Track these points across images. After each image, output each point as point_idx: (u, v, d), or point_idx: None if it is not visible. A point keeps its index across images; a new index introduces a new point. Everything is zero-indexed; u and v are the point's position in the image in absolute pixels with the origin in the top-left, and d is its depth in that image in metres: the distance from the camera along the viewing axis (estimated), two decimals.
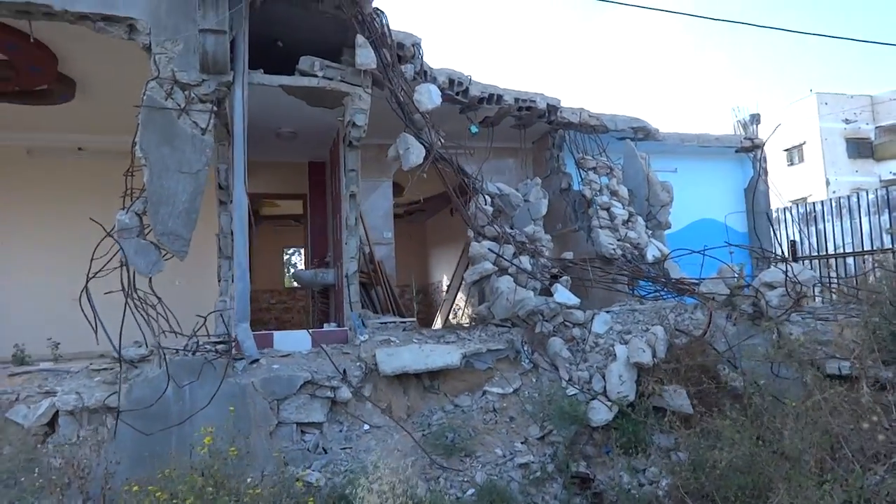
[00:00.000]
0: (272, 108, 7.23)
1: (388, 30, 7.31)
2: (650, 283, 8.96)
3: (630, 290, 8.98)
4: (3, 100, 7.86)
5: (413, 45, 7.88)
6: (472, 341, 6.98)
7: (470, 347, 6.76)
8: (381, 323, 7.84)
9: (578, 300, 7.18)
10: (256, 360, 5.95)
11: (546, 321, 7.23)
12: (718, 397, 6.46)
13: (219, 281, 7.53)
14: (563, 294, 7.07)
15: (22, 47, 6.92)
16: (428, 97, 6.96)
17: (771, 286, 6.95)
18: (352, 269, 7.37)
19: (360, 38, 6.57)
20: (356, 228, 7.42)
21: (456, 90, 9.22)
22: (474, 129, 9.61)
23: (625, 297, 8.88)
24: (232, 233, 7.31)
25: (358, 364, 6.58)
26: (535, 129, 11.15)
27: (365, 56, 6.54)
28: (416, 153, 6.82)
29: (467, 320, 10.71)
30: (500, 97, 9.79)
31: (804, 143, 33.39)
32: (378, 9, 7.17)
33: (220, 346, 5.94)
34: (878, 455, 4.65)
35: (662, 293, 8.68)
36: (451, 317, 12.94)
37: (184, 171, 5.94)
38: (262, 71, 6.54)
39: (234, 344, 6.11)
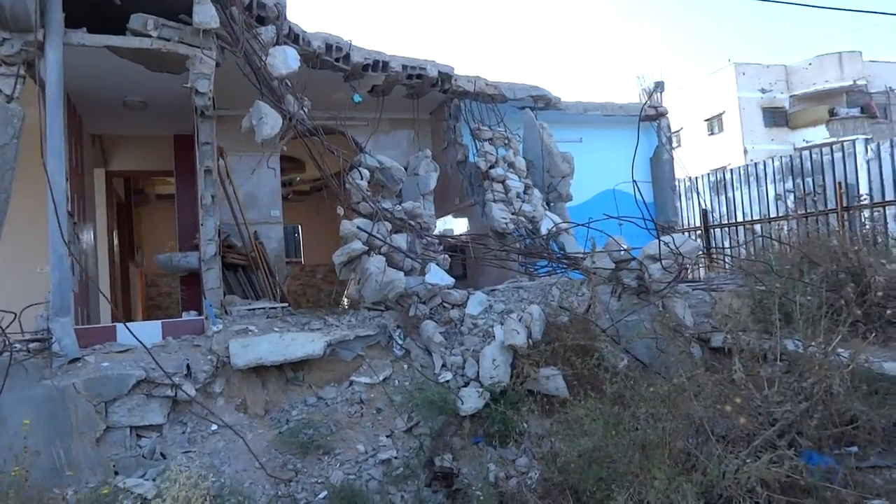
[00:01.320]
0: (110, 73, 6.43)
1: None
2: (546, 260, 8.60)
3: (524, 267, 8.61)
4: None
5: (276, 5, 7.16)
6: (339, 327, 6.45)
7: (336, 334, 6.23)
8: (249, 310, 7.22)
9: (452, 280, 6.73)
10: (77, 360, 5.26)
11: (423, 303, 6.76)
12: (599, 380, 6.14)
13: None
14: (435, 274, 6.60)
15: None
16: (283, 61, 6.29)
17: (654, 259, 6.65)
18: (209, 251, 6.70)
19: None
20: (214, 207, 6.73)
21: (335, 56, 8.54)
22: (357, 98, 8.99)
23: (518, 275, 8.50)
24: (68, 214, 6.53)
25: (209, 357, 5.96)
26: (431, 99, 10.57)
27: (204, 13, 5.82)
28: (270, 124, 6.17)
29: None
30: (385, 64, 9.16)
31: (723, 112, 33.94)
32: None
33: (33, 345, 5.21)
34: (741, 439, 4.37)
35: (556, 269, 8.33)
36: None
37: None
38: (85, 30, 5.73)
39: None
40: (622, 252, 7.05)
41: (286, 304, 7.52)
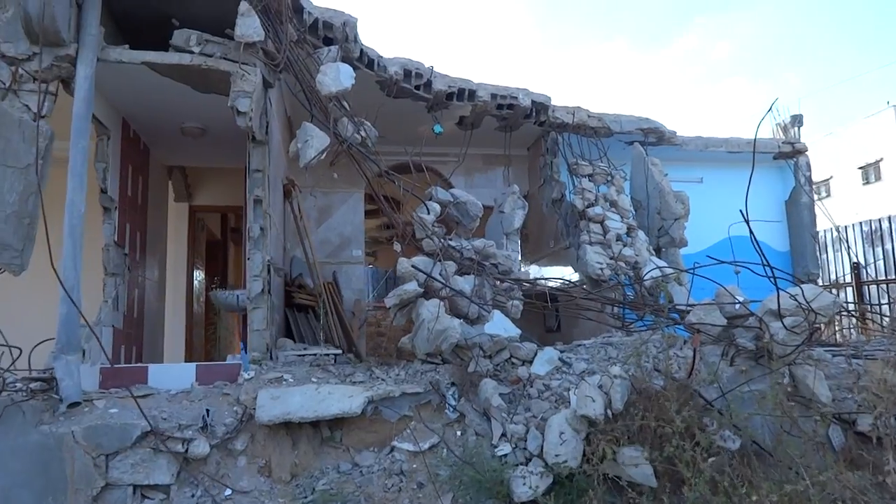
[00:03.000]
0: (164, 96, 6.09)
1: (300, 2, 6.08)
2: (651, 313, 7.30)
3: (620, 320, 7.35)
4: None
5: (344, 25, 6.62)
6: (384, 382, 5.54)
7: (379, 390, 5.32)
8: (299, 356, 6.50)
9: (517, 331, 5.68)
10: (78, 404, 4.69)
11: (486, 357, 5.73)
12: (699, 464, 4.80)
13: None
14: (498, 323, 5.59)
15: None
16: (334, 78, 5.64)
17: (778, 315, 5.26)
18: (256, 288, 6.08)
19: (243, 5, 5.35)
20: (262, 241, 6.13)
21: (415, 83, 7.90)
22: (438, 128, 8.29)
23: (613, 329, 7.26)
24: (113, 245, 6.18)
25: (234, 409, 5.25)
26: (526, 132, 9.69)
27: (246, 26, 5.31)
28: (315, 146, 5.51)
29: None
30: (472, 92, 8.41)
31: (881, 159, 30.44)
32: None
33: (35, 385, 4.72)
34: None
35: (658, 324, 7.00)
36: None
37: (10, 165, 4.82)
38: (126, 47, 5.39)
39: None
40: (737, 306, 5.69)
41: (341, 352, 6.73)
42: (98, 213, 6.20)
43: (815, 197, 11.01)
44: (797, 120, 11.15)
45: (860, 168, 31.29)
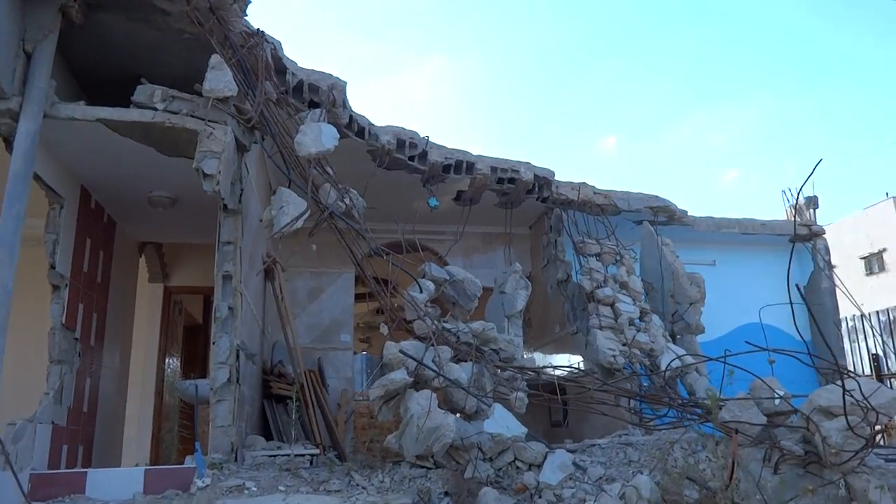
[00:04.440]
0: (123, 161, 5.49)
1: (283, 63, 5.59)
2: (667, 407, 6.45)
3: (638, 416, 6.49)
4: None
5: (331, 88, 6.13)
6: (366, 490, 4.66)
7: (359, 501, 4.43)
8: (270, 456, 5.62)
9: (523, 430, 4.83)
10: None
11: (486, 460, 4.87)
12: None
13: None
14: (500, 419, 4.76)
15: None
16: (314, 138, 5.07)
17: (830, 413, 4.46)
18: (220, 378, 5.28)
19: (214, 59, 4.83)
20: (231, 323, 5.39)
21: (409, 153, 7.38)
22: (433, 201, 7.71)
23: (629, 426, 6.40)
24: (60, 328, 5.42)
25: None
26: (529, 209, 9.12)
27: (217, 80, 4.76)
28: (291, 213, 4.86)
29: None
30: (471, 165, 7.89)
31: (884, 249, 30.00)
32: (266, 34, 5.49)
33: None
34: None
35: (682, 420, 6.14)
36: None
37: None
38: (83, 103, 4.82)
39: None
40: (777, 401, 4.90)
41: (319, 451, 5.86)
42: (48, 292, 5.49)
43: (837, 282, 10.33)
44: (812, 202, 10.63)
45: (862, 258, 30.80)
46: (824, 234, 10.65)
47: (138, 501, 4.53)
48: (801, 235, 10.52)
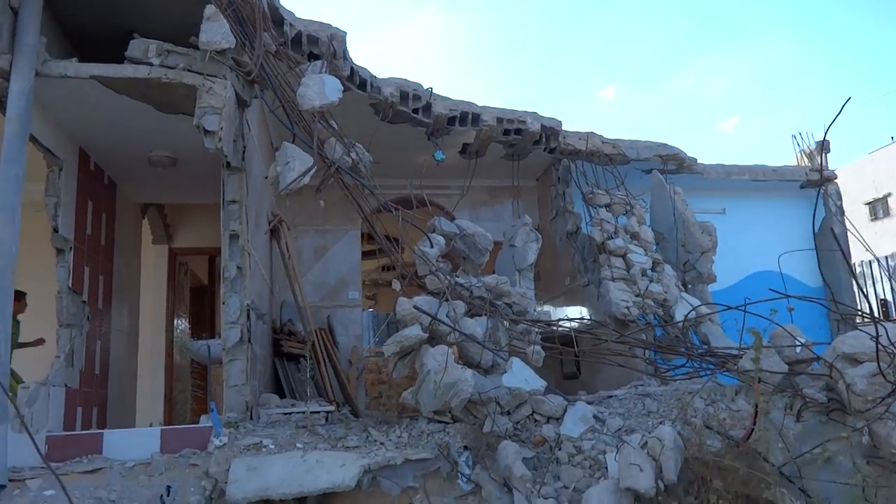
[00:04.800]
0: (121, 120, 5.34)
1: (280, 13, 5.37)
2: (684, 357, 6.40)
3: (653, 367, 6.45)
4: None
5: (331, 39, 5.90)
6: (384, 446, 4.63)
7: (378, 457, 4.40)
8: (285, 414, 5.60)
9: (542, 383, 4.77)
10: (0, 487, 3.78)
11: (504, 414, 4.83)
12: None
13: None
14: (518, 373, 4.69)
15: None
16: (318, 91, 4.88)
17: (854, 360, 4.39)
18: (232, 337, 5.22)
19: (209, 9, 4.63)
20: (240, 282, 5.30)
21: (413, 106, 7.17)
22: (439, 155, 7.54)
23: (645, 376, 6.36)
24: (67, 291, 5.33)
25: (202, 484, 4.33)
26: (536, 161, 8.94)
27: (213, 31, 4.57)
28: (297, 169, 4.71)
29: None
30: (476, 116, 7.69)
31: (889, 194, 29.76)
32: None
33: None
34: None
35: (699, 370, 6.09)
36: None
37: None
38: (75, 60, 4.63)
39: None
40: (798, 349, 4.83)
41: (334, 408, 5.84)
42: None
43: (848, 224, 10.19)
44: (823, 146, 10.41)
45: (867, 203, 30.59)
46: (836, 178, 10.48)
47: (156, 461, 4.50)
48: (812, 181, 10.35)
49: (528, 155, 8.64)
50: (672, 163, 9.05)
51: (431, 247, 5.73)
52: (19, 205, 4.12)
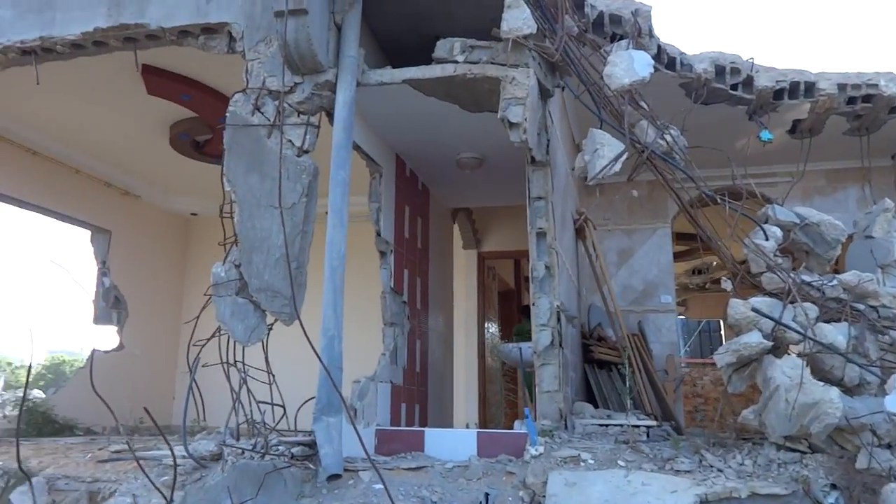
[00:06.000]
0: (430, 125, 5.48)
1: None
2: None
3: None
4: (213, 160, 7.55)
5: (635, 15, 5.39)
6: (723, 473, 3.93)
7: (716, 486, 3.74)
8: (600, 425, 5.20)
9: None
10: (336, 476, 3.97)
11: (885, 447, 3.80)
12: None
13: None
14: None
15: (196, 96, 6.44)
16: (626, 67, 4.38)
17: None
18: (543, 340, 4.98)
19: None
20: (549, 283, 5.05)
21: (731, 81, 6.29)
22: (766, 135, 6.51)
23: None
24: (389, 291, 5.61)
25: (519, 494, 4.12)
26: (889, 134, 7.30)
27: (514, 18, 4.36)
28: (607, 155, 4.27)
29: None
30: (810, 86, 6.49)
31: None
32: None
33: (296, 450, 4.12)
34: None
35: None
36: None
37: (276, 206, 4.44)
38: (389, 68, 4.82)
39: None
40: None
41: (656, 423, 5.26)
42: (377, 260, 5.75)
43: None
44: None
45: None
46: None
47: (473, 465, 4.42)
48: None
49: (882, 126, 7.07)
50: None
51: (767, 239, 4.85)
52: (346, 209, 4.36)
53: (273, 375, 4.55)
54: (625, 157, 4.42)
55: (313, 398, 4.26)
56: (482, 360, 8.87)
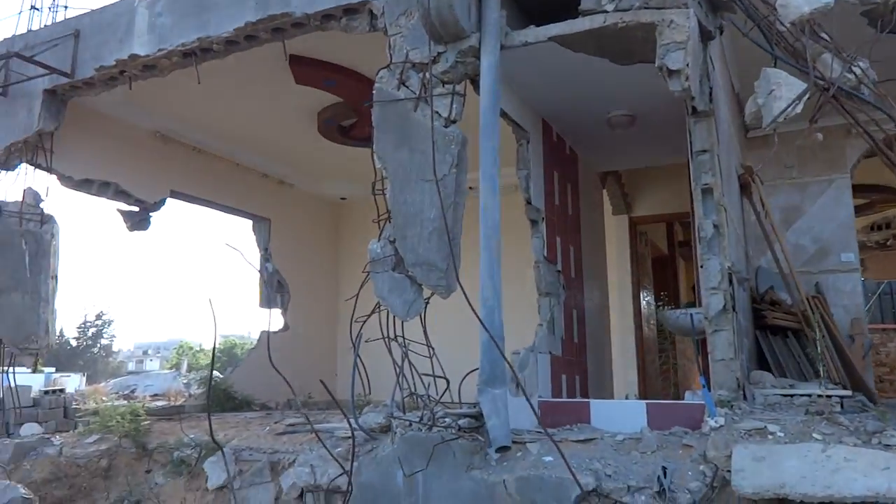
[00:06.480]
0: (578, 83, 5.19)
1: None
2: None
3: None
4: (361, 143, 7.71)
5: None
6: None
7: None
8: (784, 395, 4.75)
9: None
10: (505, 448, 3.89)
11: None
12: None
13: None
14: None
15: (339, 80, 6.58)
16: None
17: None
18: (715, 305, 4.61)
19: None
20: (718, 242, 4.64)
21: None
22: None
23: None
24: (543, 261, 5.45)
25: (700, 468, 3.85)
26: None
27: None
28: (785, 95, 3.81)
29: None
30: None
31: None
32: None
33: (463, 422, 4.09)
34: None
35: None
36: None
37: (427, 179, 4.42)
38: (534, 27, 4.61)
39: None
40: None
41: (849, 394, 4.73)
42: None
43: None
44: None
45: None
46: None
47: (646, 437, 4.19)
48: None
49: None
50: None
51: None
52: (497, 175, 4.24)
53: (433, 349, 4.57)
54: (807, 96, 3.93)
55: (476, 370, 4.21)
56: (639, 330, 8.48)
